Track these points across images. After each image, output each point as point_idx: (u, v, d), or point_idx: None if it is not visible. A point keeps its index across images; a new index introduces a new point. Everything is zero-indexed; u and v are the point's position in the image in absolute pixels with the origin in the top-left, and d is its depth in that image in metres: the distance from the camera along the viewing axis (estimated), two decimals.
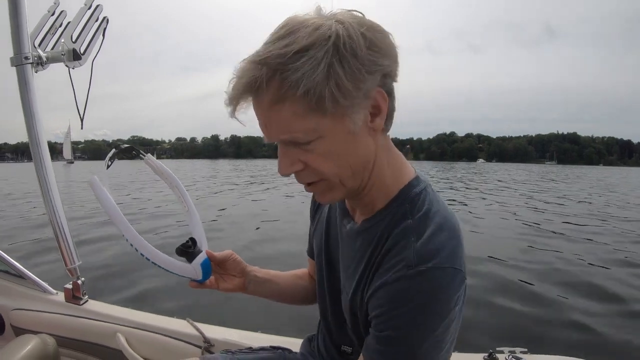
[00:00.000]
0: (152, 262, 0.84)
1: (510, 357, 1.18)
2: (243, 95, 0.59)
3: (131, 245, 0.83)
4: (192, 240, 0.91)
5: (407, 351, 0.61)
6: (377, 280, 0.65)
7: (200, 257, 0.89)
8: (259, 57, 0.56)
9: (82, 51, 1.48)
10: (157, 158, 0.92)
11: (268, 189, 16.65)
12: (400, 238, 0.65)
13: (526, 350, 1.22)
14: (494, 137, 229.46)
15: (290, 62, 0.54)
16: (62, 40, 1.47)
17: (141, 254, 0.83)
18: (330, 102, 0.56)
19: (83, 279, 1.54)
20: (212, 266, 0.93)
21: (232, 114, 0.62)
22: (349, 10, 0.61)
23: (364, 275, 0.71)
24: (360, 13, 0.61)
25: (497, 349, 1.22)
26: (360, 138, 0.63)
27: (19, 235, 6.76)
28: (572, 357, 1.21)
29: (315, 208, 0.99)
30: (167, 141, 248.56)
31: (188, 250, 0.89)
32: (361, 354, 0.70)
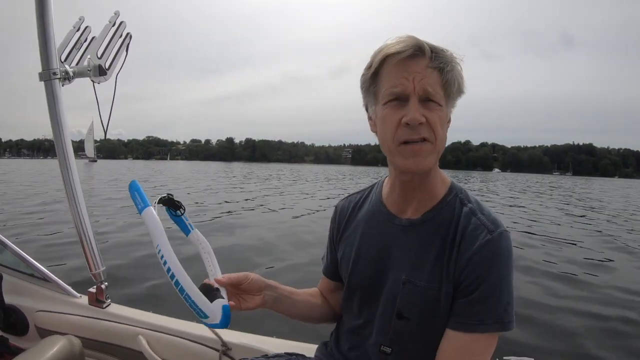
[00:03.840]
0: (179, 288, 0.82)
1: None
2: (412, 49, 0.80)
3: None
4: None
5: (505, 296, 0.80)
6: (467, 251, 0.83)
7: (223, 301, 0.87)
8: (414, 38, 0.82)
9: (107, 66, 1.53)
10: (171, 159, 0.91)
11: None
12: (470, 217, 0.86)
13: (533, 359, 1.22)
14: (509, 146, 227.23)
15: (439, 50, 0.82)
16: (88, 56, 1.52)
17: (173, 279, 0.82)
18: (453, 89, 0.83)
19: (107, 283, 1.60)
20: (230, 290, 0.93)
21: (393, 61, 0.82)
22: None
23: (443, 254, 0.86)
24: None
25: (505, 358, 1.22)
26: (446, 128, 0.86)
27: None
28: None
29: (340, 235, 1.08)
30: (181, 142, 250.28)
31: (212, 289, 0.88)
32: (451, 335, 0.84)
